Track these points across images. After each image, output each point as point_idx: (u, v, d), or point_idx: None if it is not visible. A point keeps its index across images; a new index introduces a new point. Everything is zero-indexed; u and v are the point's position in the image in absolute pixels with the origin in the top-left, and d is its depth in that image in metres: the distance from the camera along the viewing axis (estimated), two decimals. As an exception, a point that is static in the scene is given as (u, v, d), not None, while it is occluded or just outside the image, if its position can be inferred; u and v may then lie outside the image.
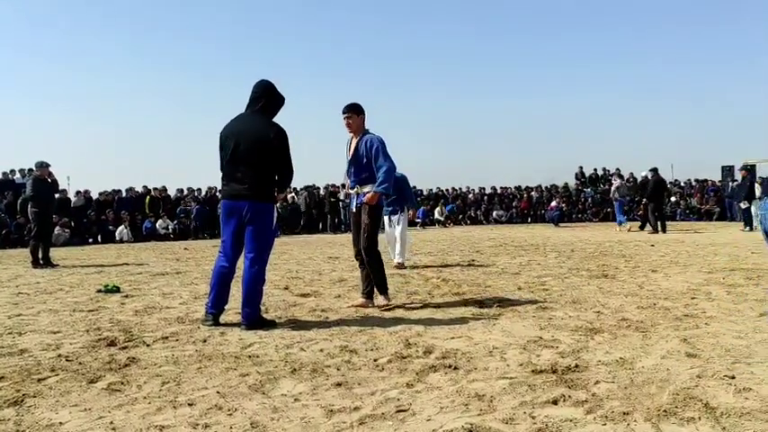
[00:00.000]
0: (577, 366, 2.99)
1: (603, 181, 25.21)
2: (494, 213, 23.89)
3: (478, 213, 24.13)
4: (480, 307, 4.77)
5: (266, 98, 4.27)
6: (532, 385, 2.70)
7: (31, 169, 12.09)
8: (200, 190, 20.14)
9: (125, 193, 19.26)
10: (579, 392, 2.59)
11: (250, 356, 3.35)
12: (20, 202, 15.23)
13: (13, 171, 18.35)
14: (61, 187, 13.49)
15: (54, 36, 43.79)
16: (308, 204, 20.76)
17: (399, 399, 2.58)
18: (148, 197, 18.88)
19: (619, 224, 16.49)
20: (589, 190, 25.10)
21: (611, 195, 18.40)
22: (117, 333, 4.04)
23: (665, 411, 2.33)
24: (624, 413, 2.32)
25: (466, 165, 42.66)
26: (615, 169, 24.61)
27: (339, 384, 2.79)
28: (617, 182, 18.05)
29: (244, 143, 4.13)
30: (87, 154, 40.33)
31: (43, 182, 9.52)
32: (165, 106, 45.95)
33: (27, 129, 40.95)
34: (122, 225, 17.34)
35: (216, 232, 16.92)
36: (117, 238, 17.09)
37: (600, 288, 5.67)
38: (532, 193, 25.00)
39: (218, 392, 2.71)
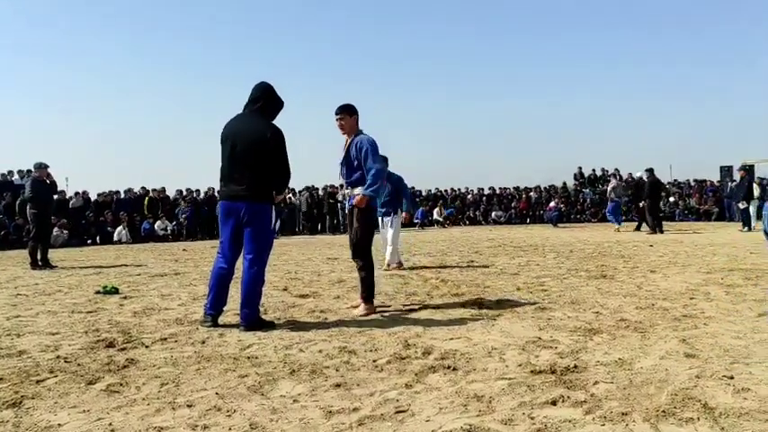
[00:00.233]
0: (576, 367, 2.99)
1: (602, 181, 25.21)
2: (493, 214, 23.89)
3: (477, 214, 24.14)
4: (479, 308, 4.77)
5: (265, 100, 4.27)
6: (531, 386, 2.70)
7: (30, 170, 12.08)
8: (198, 191, 20.08)
9: (123, 194, 19.26)
10: (578, 393, 2.59)
11: (249, 357, 3.35)
12: (18, 204, 15.21)
13: (12, 172, 18.32)
14: (60, 188, 13.47)
15: (54, 36, 43.84)
16: (310, 205, 20.79)
17: (398, 399, 2.58)
18: (147, 198, 18.86)
19: (618, 224, 16.51)
20: (588, 190, 25.11)
21: (607, 196, 18.46)
22: (116, 334, 4.04)
23: (664, 412, 2.33)
24: (623, 413, 2.32)
25: (465, 165, 42.76)
26: (614, 170, 24.67)
27: (338, 385, 2.79)
28: (613, 182, 18.10)
29: (240, 144, 4.13)
30: (86, 155, 40.32)
31: (42, 183, 9.52)
32: (165, 106, 45.95)
33: (26, 129, 40.96)
34: (121, 226, 17.33)
35: (215, 233, 16.92)
36: (115, 239, 17.07)
37: (599, 288, 5.68)
38: (531, 194, 25.01)
39: (216, 394, 2.71)
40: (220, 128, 4.31)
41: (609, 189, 17.78)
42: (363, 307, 4.68)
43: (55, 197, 11.13)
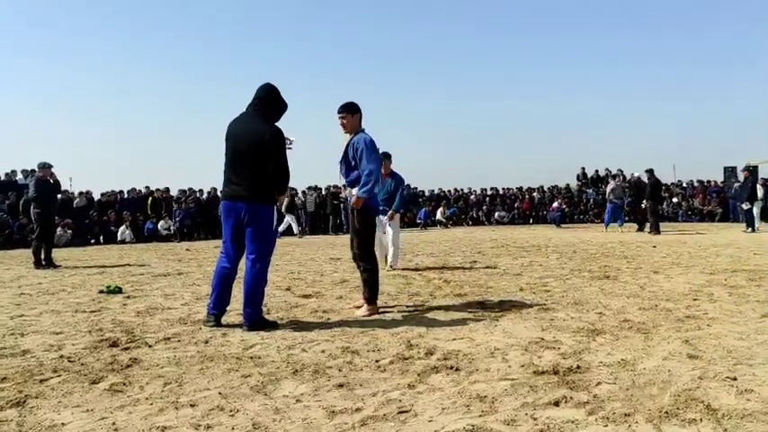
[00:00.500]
0: (579, 368, 2.99)
1: (605, 182, 25.16)
2: (495, 214, 23.88)
3: (480, 214, 24.12)
4: (482, 308, 4.77)
5: (268, 101, 4.27)
6: (534, 386, 2.70)
7: (34, 170, 12.12)
8: (201, 191, 20.12)
9: (127, 194, 19.31)
10: (581, 394, 2.59)
11: (252, 357, 3.36)
12: (22, 203, 15.27)
13: (15, 172, 18.38)
14: (64, 188, 13.50)
15: (54, 36, 43.82)
16: (317, 205, 20.88)
17: (401, 400, 2.58)
18: (151, 198, 18.90)
19: (620, 225, 16.48)
20: (591, 191, 25.06)
21: (606, 196, 18.43)
22: (119, 334, 4.05)
23: (667, 413, 2.33)
24: (626, 414, 2.32)
25: (467, 165, 42.59)
26: (617, 170, 24.60)
27: (341, 385, 2.80)
28: (612, 183, 18.07)
29: (240, 145, 4.15)
30: (86, 155, 40.37)
31: (46, 182, 9.54)
32: (166, 106, 45.97)
33: (28, 129, 41.01)
34: (124, 226, 17.37)
35: (217, 233, 16.94)
36: (119, 239, 17.12)
37: (602, 289, 5.67)
38: (534, 194, 24.98)
39: (219, 393, 2.71)
40: (222, 127, 4.33)
41: (608, 191, 17.76)
42: (366, 307, 4.68)
43: (59, 197, 11.16)
